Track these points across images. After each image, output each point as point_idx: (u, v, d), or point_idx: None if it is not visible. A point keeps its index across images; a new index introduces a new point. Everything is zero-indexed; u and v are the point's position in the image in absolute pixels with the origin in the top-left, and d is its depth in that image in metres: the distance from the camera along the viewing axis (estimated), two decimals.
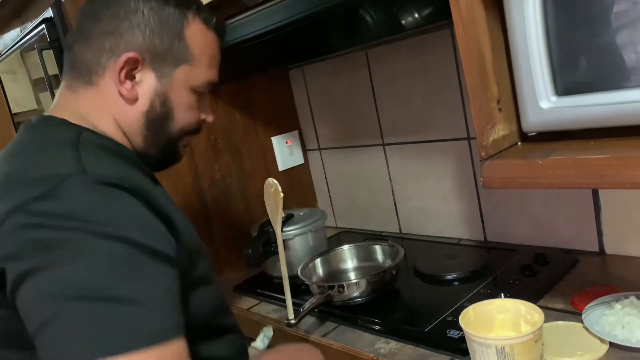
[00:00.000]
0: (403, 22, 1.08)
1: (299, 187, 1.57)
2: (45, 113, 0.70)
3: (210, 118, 0.78)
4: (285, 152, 1.52)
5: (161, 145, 0.73)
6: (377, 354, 0.85)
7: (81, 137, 0.63)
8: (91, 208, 0.53)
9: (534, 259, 1.02)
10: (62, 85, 0.72)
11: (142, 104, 0.69)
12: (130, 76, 0.68)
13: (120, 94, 0.68)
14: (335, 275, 1.14)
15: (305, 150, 1.58)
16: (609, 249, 1.01)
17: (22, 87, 1.82)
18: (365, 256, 1.16)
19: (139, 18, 0.67)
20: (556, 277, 0.95)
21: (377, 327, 0.92)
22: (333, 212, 1.58)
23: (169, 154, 0.76)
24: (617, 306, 0.78)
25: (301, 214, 1.24)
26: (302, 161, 1.57)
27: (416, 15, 1.06)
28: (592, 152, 0.60)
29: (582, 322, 0.77)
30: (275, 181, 0.86)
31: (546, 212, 1.08)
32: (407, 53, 1.22)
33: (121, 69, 0.67)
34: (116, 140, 0.69)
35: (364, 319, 0.95)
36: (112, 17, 0.67)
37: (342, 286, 0.97)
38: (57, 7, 1.14)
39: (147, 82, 0.69)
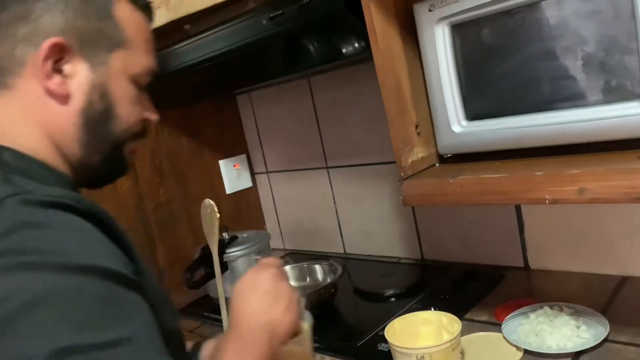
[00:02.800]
0: (342, 51, 1.14)
1: (247, 210, 1.59)
2: None
3: (154, 116, 0.66)
4: (233, 175, 1.55)
5: (104, 152, 0.61)
6: None
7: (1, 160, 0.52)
8: (44, 235, 0.44)
9: (464, 275, 1.08)
10: None
11: (77, 101, 0.57)
12: (58, 69, 0.55)
13: (48, 92, 0.55)
14: None
15: (253, 174, 1.61)
16: (532, 264, 1.08)
17: None
18: (306, 275, 1.19)
19: None
20: (483, 292, 1.01)
21: (315, 345, 0.94)
22: (281, 234, 1.60)
23: (115, 162, 0.63)
24: (532, 316, 0.84)
25: (245, 235, 1.26)
26: (250, 184, 1.59)
27: (352, 45, 1.12)
28: (494, 171, 0.66)
29: (501, 332, 0.82)
30: (212, 202, 0.89)
31: (476, 230, 1.14)
32: (346, 81, 1.28)
33: (44, 59, 0.54)
34: (42, 161, 0.56)
35: None
36: (22, 1, 0.54)
37: None
38: None
39: (79, 74, 0.56)
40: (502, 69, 0.69)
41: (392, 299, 1.07)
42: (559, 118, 0.65)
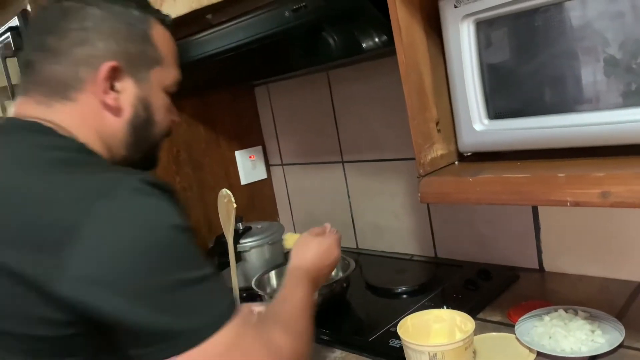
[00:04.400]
0: (363, 45, 1.14)
1: (261, 201, 1.59)
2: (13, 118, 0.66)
3: (178, 118, 0.78)
4: (248, 166, 1.55)
5: (144, 151, 0.72)
6: None
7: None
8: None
9: (477, 274, 1.07)
10: (29, 100, 0.66)
11: (126, 113, 0.68)
12: (112, 86, 0.66)
13: (104, 106, 0.66)
14: None
15: (268, 165, 1.62)
16: (547, 266, 1.07)
17: None
18: None
19: (108, 26, 0.66)
20: (496, 292, 1.00)
21: (326, 337, 0.95)
22: (294, 226, 1.61)
23: (150, 158, 0.76)
24: (547, 318, 0.83)
25: (259, 226, 1.27)
26: (264, 176, 1.60)
27: (373, 39, 1.11)
28: (515, 171, 0.65)
29: (514, 333, 0.82)
30: (229, 192, 0.89)
31: (491, 230, 1.13)
32: (366, 75, 1.27)
33: (104, 80, 0.65)
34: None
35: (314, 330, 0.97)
36: (80, 29, 0.65)
37: None
38: (23, 16, 1.16)
39: (127, 90, 0.67)
40: (526, 68, 0.68)
41: (404, 296, 1.07)
42: (582, 120, 0.64)
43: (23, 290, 0.51)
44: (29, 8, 1.16)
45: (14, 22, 1.20)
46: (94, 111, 0.66)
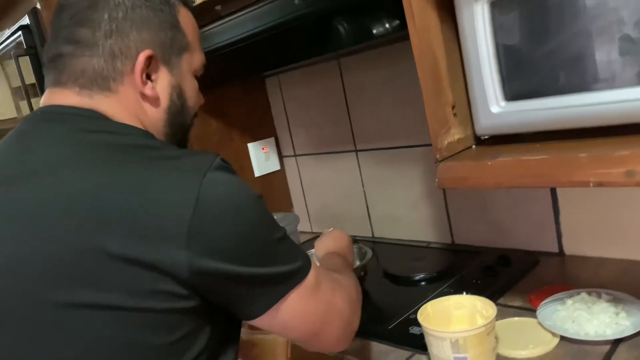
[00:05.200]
0: (373, 31, 1.12)
1: (275, 193, 1.59)
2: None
3: (202, 100, 0.77)
4: (262, 158, 1.55)
5: (178, 138, 0.73)
6: (343, 351, 0.87)
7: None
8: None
9: (497, 260, 1.06)
10: (68, 92, 0.65)
11: (163, 102, 0.68)
12: (148, 76, 0.66)
13: (144, 97, 0.66)
14: None
15: (281, 157, 1.61)
16: (567, 250, 1.05)
17: (2, 95, 1.82)
18: None
19: (138, 14, 0.65)
20: (516, 277, 0.99)
21: None
22: (309, 217, 1.60)
23: (183, 144, 0.75)
24: (569, 302, 0.82)
25: (275, 217, 1.26)
26: (278, 167, 1.60)
27: (384, 25, 1.10)
28: (535, 153, 0.64)
29: (536, 318, 0.81)
30: None
31: (509, 215, 1.12)
32: (377, 62, 1.26)
33: (141, 71, 0.64)
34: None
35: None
36: (112, 20, 0.63)
37: None
38: (34, 14, 1.16)
39: (163, 79, 0.67)
40: (542, 48, 0.67)
41: (422, 283, 1.06)
42: (600, 98, 0.63)
43: (139, 270, 0.53)
44: (38, 6, 1.17)
45: (25, 20, 1.20)
46: (134, 102, 0.66)
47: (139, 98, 0.66)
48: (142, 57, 0.64)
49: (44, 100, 0.67)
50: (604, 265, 0.97)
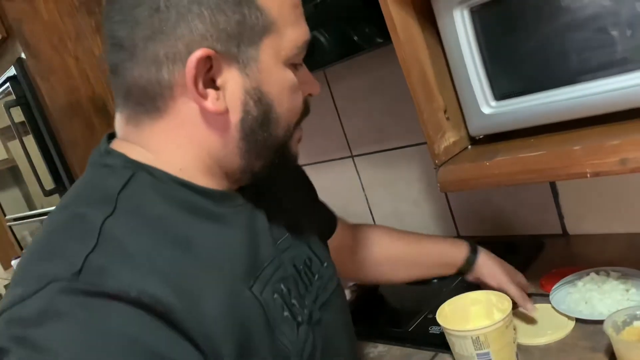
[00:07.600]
0: (358, 44, 1.14)
1: None
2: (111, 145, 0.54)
3: (316, 89, 0.59)
4: None
5: (267, 157, 0.55)
6: (367, 359, 0.89)
7: (128, 185, 0.50)
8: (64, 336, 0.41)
9: (504, 248, 1.08)
10: (121, 117, 0.54)
11: (234, 113, 0.51)
12: (210, 83, 0.49)
13: (205, 111, 0.50)
14: None
15: None
16: (571, 230, 1.08)
17: None
18: None
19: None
20: (525, 263, 1.01)
21: (365, 333, 0.97)
22: None
23: (279, 162, 0.57)
24: (580, 284, 0.84)
25: None
26: None
27: (371, 38, 1.12)
28: (531, 149, 0.66)
29: (550, 303, 0.83)
30: None
31: (510, 202, 1.14)
32: (362, 69, 1.28)
33: (194, 79, 0.48)
34: (184, 179, 0.52)
35: None
36: (153, 13, 0.47)
37: None
38: (19, 64, 1.17)
39: (230, 81, 0.50)
40: (527, 45, 0.69)
41: (434, 281, 1.07)
42: (587, 89, 0.65)
43: None
44: (23, 56, 1.18)
45: (11, 71, 1.21)
46: (191, 122, 0.50)
47: (197, 115, 0.50)
48: (192, 62, 0.47)
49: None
50: (608, 241, 1.00)
